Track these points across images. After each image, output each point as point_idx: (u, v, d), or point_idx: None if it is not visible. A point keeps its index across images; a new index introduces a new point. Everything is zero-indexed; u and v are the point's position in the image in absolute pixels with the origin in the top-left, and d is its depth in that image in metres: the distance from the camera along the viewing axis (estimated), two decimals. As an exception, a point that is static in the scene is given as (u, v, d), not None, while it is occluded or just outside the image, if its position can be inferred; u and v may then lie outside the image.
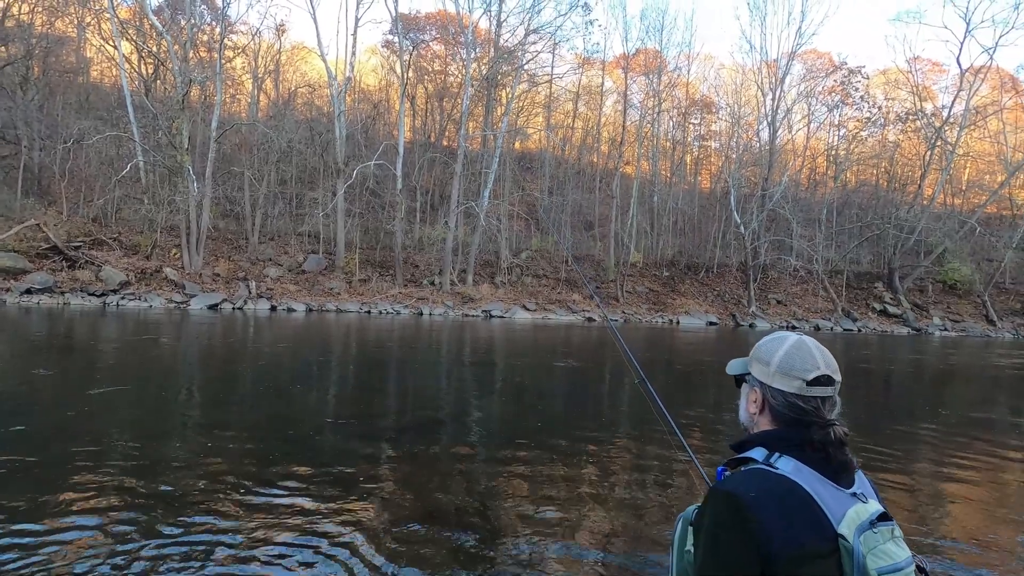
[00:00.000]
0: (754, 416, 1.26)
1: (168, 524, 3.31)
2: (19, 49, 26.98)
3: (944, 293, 35.68)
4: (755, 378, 1.25)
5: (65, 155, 25.03)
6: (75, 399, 6.55)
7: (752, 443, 1.21)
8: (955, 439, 6.43)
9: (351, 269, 27.40)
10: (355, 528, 3.40)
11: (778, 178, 34.89)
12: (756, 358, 1.27)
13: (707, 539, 1.10)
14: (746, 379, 1.30)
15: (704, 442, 5.81)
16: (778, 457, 1.14)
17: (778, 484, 1.09)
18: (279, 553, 3.05)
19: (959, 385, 12.01)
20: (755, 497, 1.07)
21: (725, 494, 1.11)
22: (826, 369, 1.18)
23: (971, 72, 33.89)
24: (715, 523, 1.10)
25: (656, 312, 30.19)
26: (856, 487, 1.15)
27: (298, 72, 40.26)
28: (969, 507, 4.35)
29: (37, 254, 21.94)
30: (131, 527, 3.25)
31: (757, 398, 1.25)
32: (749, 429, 1.29)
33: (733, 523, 1.07)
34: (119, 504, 3.56)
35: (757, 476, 1.12)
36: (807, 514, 1.07)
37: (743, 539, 1.05)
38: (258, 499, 3.74)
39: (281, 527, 3.35)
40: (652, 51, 37.52)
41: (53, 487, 3.75)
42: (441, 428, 6.07)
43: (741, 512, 1.07)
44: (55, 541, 3.03)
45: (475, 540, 3.31)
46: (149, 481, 3.95)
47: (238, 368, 9.52)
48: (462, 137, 30.01)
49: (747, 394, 1.29)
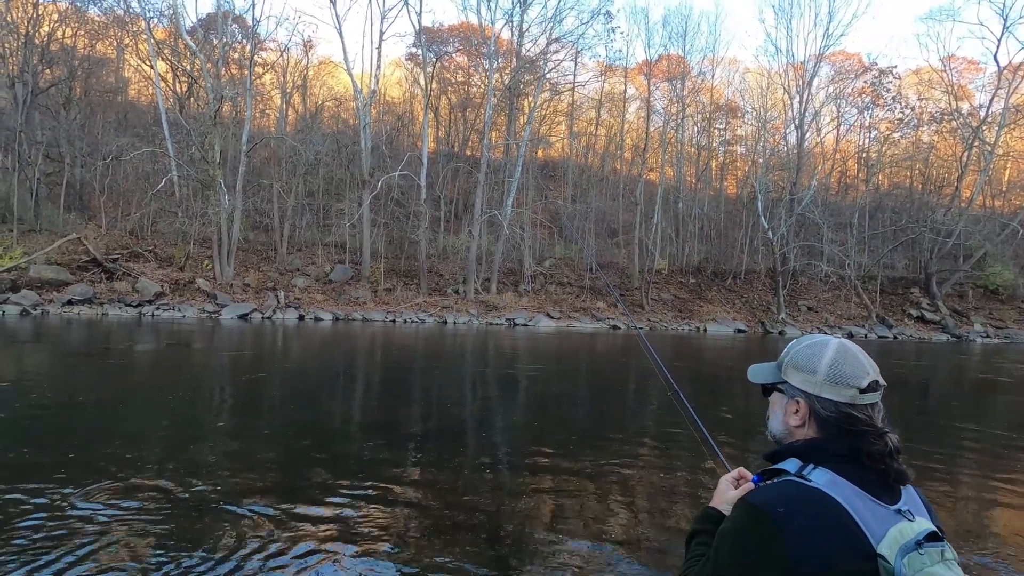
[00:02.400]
0: (795, 429, 1.18)
1: (195, 527, 3.36)
2: (63, 71, 28.25)
3: (985, 298, 34.32)
4: (796, 388, 1.17)
5: (104, 171, 26.06)
6: (111, 404, 6.75)
7: (784, 454, 1.15)
8: (1000, 452, 6.14)
9: (376, 278, 27.74)
10: (380, 535, 3.40)
11: (807, 182, 34.16)
12: (795, 366, 1.18)
13: (727, 548, 1.05)
14: (780, 388, 1.22)
15: (737, 451, 5.66)
16: (812, 469, 1.08)
17: (810, 498, 1.02)
18: (303, 559, 3.06)
19: (1003, 394, 11.49)
20: (783, 513, 1.01)
21: (752, 506, 1.06)
22: (875, 374, 1.12)
23: (1010, 69, 32.75)
24: (737, 535, 1.05)
25: (682, 319, 29.75)
26: (903, 503, 1.06)
27: (325, 86, 41.18)
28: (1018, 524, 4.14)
29: (78, 266, 22.80)
30: (159, 529, 3.31)
31: (800, 409, 1.16)
32: (782, 440, 1.21)
33: (756, 538, 1.02)
34: (148, 506, 3.64)
35: (788, 489, 1.06)
36: (841, 532, 0.99)
37: (764, 556, 1.00)
38: (283, 505, 3.78)
39: (306, 533, 3.37)
40: (675, 57, 37.31)
41: (85, 487, 3.85)
42: (466, 435, 6.06)
43: (766, 527, 1.01)
44: (86, 540, 3.10)
45: (501, 547, 3.28)
46: (178, 485, 4.03)
47: (267, 376, 9.69)
48: (485, 147, 30.21)
49: (785, 405, 1.20)
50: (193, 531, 3.32)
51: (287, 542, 3.25)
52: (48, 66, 27.95)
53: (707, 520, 1.28)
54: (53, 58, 27.99)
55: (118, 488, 3.95)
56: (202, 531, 3.33)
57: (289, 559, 3.06)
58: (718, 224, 37.17)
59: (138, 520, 3.45)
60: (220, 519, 3.52)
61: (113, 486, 3.98)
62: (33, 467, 4.30)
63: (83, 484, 3.98)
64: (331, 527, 3.49)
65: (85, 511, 3.54)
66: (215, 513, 3.61)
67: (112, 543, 3.14)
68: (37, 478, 4.05)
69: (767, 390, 1.26)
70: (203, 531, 3.33)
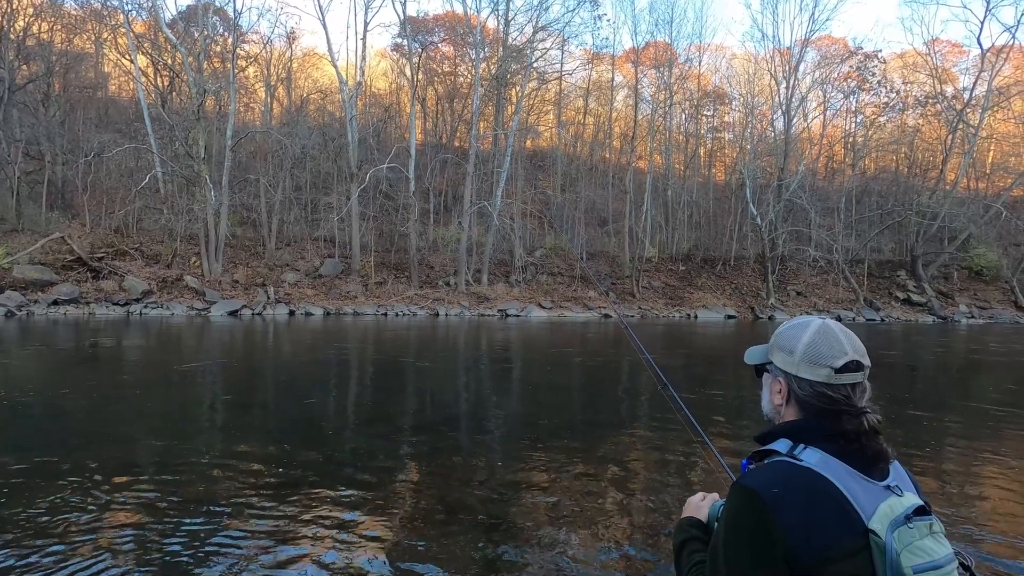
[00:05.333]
0: (779, 407, 1.20)
1: (192, 523, 3.36)
2: (40, 67, 27.67)
3: (970, 280, 34.82)
4: (778, 368, 1.19)
5: (87, 169, 25.62)
6: (103, 404, 6.70)
7: (776, 435, 1.16)
8: (985, 429, 6.26)
9: (367, 272, 27.61)
10: (376, 526, 3.41)
11: (794, 168, 34.33)
12: (778, 346, 1.20)
13: (728, 536, 1.06)
14: (768, 369, 1.23)
15: (728, 438, 5.73)
16: (803, 449, 1.09)
17: (802, 478, 1.04)
18: (301, 551, 3.07)
19: (988, 373, 11.70)
20: (777, 494, 1.01)
21: (745, 491, 1.06)
22: (854, 354, 1.12)
23: (993, 52, 33.00)
24: (735, 521, 1.05)
25: (673, 307, 29.93)
26: (891, 479, 1.09)
27: (309, 79, 40.68)
28: (1004, 498, 4.23)
29: (63, 266, 22.47)
30: (157, 525, 3.30)
31: (781, 389, 1.18)
32: (773, 420, 1.23)
33: (754, 522, 1.02)
34: (146, 503, 3.62)
35: (780, 470, 1.07)
36: (834, 509, 1.01)
37: (764, 539, 1.01)
38: (279, 499, 3.78)
39: (302, 526, 3.38)
40: (662, 44, 37.20)
41: (85, 486, 3.83)
42: (460, 426, 6.08)
43: (762, 511, 1.01)
44: (86, 540, 3.09)
45: (497, 536, 3.31)
46: (174, 482, 4.02)
47: (259, 372, 9.65)
48: (473, 137, 30.05)
49: (770, 385, 1.22)
50: (188, 525, 3.32)
51: (281, 534, 3.25)
52: (25, 62, 27.37)
53: (690, 527, 1.29)
54: (30, 54, 27.40)
55: (114, 484, 3.93)
56: (197, 525, 3.33)
57: (284, 551, 3.06)
58: (707, 211, 37.32)
59: (134, 516, 3.44)
60: (215, 514, 3.52)
61: (105, 484, 3.96)
62: (25, 470, 4.26)
63: (75, 484, 3.95)
64: (326, 518, 3.49)
65: (78, 511, 3.52)
66: (210, 508, 3.60)
67: (106, 540, 3.13)
68: (27, 479, 4.01)
69: (759, 371, 1.27)
70: (198, 525, 3.33)
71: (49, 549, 3.03)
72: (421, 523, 3.51)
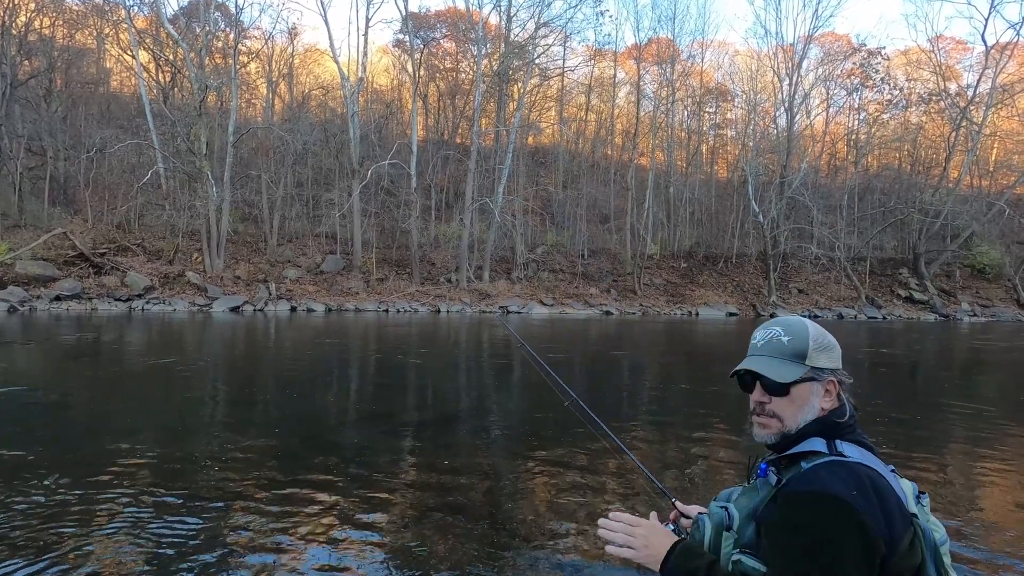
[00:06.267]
0: (824, 412, 1.14)
1: (189, 517, 3.37)
2: (42, 62, 27.68)
3: (972, 278, 34.76)
4: (828, 370, 1.14)
5: (89, 164, 25.68)
6: (104, 399, 6.73)
7: (808, 434, 1.11)
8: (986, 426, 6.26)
9: (368, 269, 27.64)
10: (376, 521, 3.43)
11: (797, 165, 34.25)
12: (821, 348, 1.15)
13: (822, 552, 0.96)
14: (815, 377, 1.14)
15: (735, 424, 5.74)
16: (841, 445, 1.07)
17: (865, 476, 1.01)
18: (300, 547, 3.09)
19: (989, 372, 11.69)
20: (857, 497, 0.97)
21: (828, 498, 0.98)
22: None
23: (997, 49, 32.86)
24: (829, 532, 0.96)
25: (675, 304, 29.93)
26: None
27: (311, 75, 40.65)
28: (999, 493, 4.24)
29: (65, 261, 22.53)
30: (155, 519, 3.32)
31: (832, 388, 1.14)
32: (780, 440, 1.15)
33: (850, 530, 0.95)
34: (144, 496, 3.64)
35: (843, 471, 1.01)
36: (894, 502, 1.00)
37: (864, 547, 0.95)
38: (279, 494, 3.79)
39: (302, 521, 3.40)
40: (664, 40, 37.10)
41: (83, 483, 3.85)
42: (461, 423, 6.09)
43: (853, 516, 0.95)
44: (82, 533, 3.11)
45: (497, 531, 3.32)
46: (175, 477, 4.04)
47: (260, 368, 9.68)
48: (475, 134, 30.03)
49: (818, 392, 1.14)
50: (188, 520, 3.34)
51: (282, 529, 3.27)
52: (27, 57, 27.39)
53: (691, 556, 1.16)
54: (32, 49, 27.42)
55: (108, 479, 3.95)
56: (198, 520, 3.34)
57: (285, 545, 3.08)
58: (709, 208, 37.28)
59: (133, 511, 3.46)
60: (216, 508, 3.54)
61: (103, 477, 3.98)
62: (23, 464, 4.29)
63: (77, 479, 3.97)
64: (326, 514, 3.51)
65: (78, 507, 3.54)
66: (210, 503, 3.62)
67: (102, 533, 3.15)
68: (27, 475, 4.04)
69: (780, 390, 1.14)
70: (199, 520, 3.34)
71: (44, 542, 3.05)
72: (420, 518, 3.53)
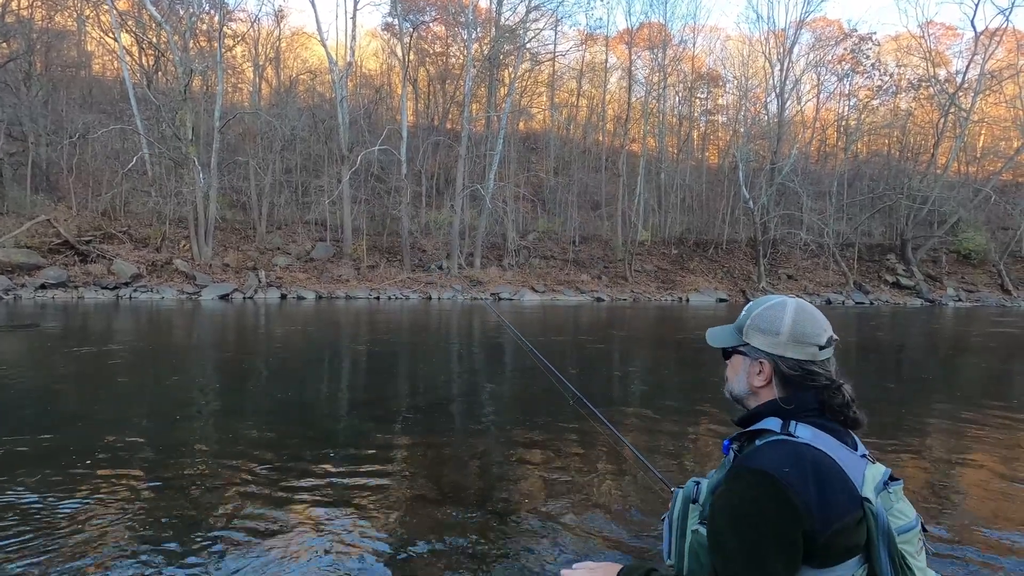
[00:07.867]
0: (759, 389, 1.20)
1: (181, 507, 3.37)
2: (21, 45, 26.97)
3: (958, 263, 35.23)
4: (759, 349, 1.19)
5: (71, 150, 25.17)
6: (96, 388, 6.68)
7: (762, 414, 1.16)
8: (968, 409, 6.38)
9: (359, 256, 27.48)
10: (369, 509, 3.45)
11: (787, 151, 34.35)
12: (757, 328, 1.20)
13: (742, 523, 1.02)
14: (741, 351, 1.23)
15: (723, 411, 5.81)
16: (795, 426, 1.10)
17: (807, 455, 1.04)
18: (292, 533, 3.10)
19: (972, 356, 11.89)
20: (789, 473, 1.00)
21: (757, 473, 1.03)
22: (830, 331, 1.17)
23: (986, 35, 32.98)
24: (751, 506, 1.01)
25: (665, 290, 30.09)
26: (861, 448, 1.13)
27: (299, 59, 40.00)
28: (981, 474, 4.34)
29: (49, 249, 22.19)
30: (145, 509, 3.31)
31: (763, 370, 1.18)
32: (743, 400, 1.23)
33: (772, 505, 1.00)
34: (134, 486, 3.63)
35: (784, 449, 1.05)
36: (838, 482, 1.02)
37: (785, 520, 0.99)
38: (272, 482, 3.80)
39: (296, 509, 3.41)
40: (656, 25, 36.87)
41: (71, 470, 3.83)
42: (453, 409, 6.12)
43: (779, 492, 0.99)
44: (72, 524, 3.10)
45: (490, 517, 3.35)
46: (167, 466, 4.03)
47: (251, 356, 9.63)
48: (465, 119, 29.77)
49: (747, 367, 1.21)
50: (181, 509, 3.34)
51: (273, 517, 3.28)
52: (4, 39, 26.65)
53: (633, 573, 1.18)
54: (9, 31, 26.68)
55: (98, 469, 3.93)
56: (191, 510, 3.34)
57: (276, 531, 3.09)
58: (700, 195, 37.36)
59: (127, 502, 3.45)
60: (208, 497, 3.54)
61: (92, 467, 3.96)
62: (9, 452, 4.25)
63: (62, 467, 3.95)
64: (319, 503, 3.52)
65: (69, 498, 3.52)
66: (203, 492, 3.62)
67: (93, 524, 3.14)
68: (12, 462, 4.01)
69: (726, 353, 1.27)
70: (192, 510, 3.34)
71: (34, 533, 3.04)
72: (415, 504, 3.55)
